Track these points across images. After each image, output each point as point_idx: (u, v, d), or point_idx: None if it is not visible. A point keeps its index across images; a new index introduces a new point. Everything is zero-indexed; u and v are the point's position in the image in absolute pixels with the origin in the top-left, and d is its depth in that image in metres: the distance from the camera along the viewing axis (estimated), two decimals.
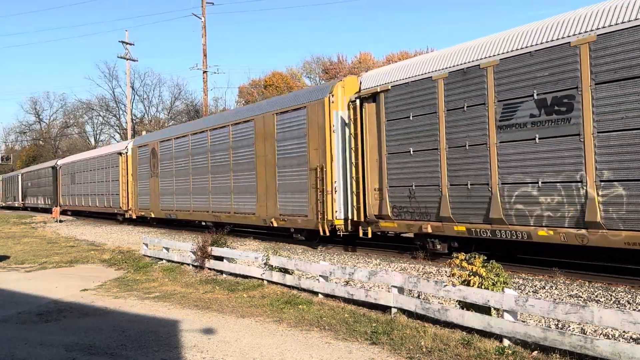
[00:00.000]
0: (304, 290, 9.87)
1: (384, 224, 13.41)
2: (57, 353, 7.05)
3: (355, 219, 14.23)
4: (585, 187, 9.34)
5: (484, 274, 7.04)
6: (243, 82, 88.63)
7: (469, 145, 11.21)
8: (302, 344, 7.06)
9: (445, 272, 10.43)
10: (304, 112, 15.82)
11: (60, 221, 34.68)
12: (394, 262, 12.78)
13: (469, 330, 6.81)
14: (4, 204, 67.89)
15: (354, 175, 14.17)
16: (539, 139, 9.96)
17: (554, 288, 9.20)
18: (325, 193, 14.86)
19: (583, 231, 9.39)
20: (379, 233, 14.45)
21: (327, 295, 9.35)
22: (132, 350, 7.02)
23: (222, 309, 9.20)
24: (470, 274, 7.15)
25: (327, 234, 15.00)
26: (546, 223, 9.94)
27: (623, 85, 8.85)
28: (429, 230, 12.12)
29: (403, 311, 7.87)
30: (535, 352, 6.00)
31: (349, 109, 14.52)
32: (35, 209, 51.02)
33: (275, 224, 17.13)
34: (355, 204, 14.13)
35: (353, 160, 14.20)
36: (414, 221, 12.54)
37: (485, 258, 7.35)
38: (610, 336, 6.45)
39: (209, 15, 55.73)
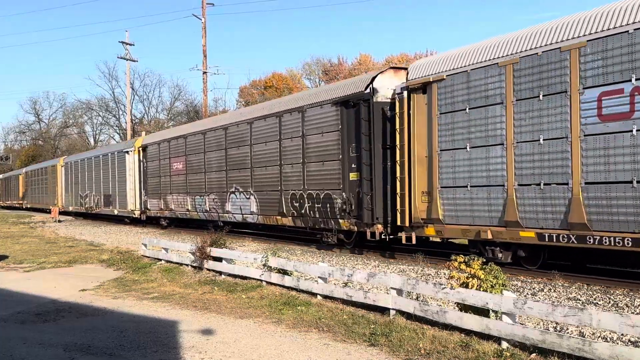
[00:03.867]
0: (303, 291, 9.87)
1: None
2: (56, 353, 7.05)
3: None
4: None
5: (482, 276, 7.05)
6: (243, 83, 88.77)
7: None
8: (301, 345, 7.07)
9: (444, 274, 10.43)
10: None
11: (59, 221, 34.66)
12: (392, 264, 12.78)
13: (468, 332, 6.81)
14: (72, 209, 37.92)
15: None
16: None
17: (552, 291, 9.21)
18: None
19: None
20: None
21: (325, 297, 9.35)
22: (130, 351, 7.02)
23: (221, 310, 9.20)
24: (469, 276, 7.16)
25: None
26: None
27: None
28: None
29: (402, 313, 7.87)
30: (534, 354, 6.01)
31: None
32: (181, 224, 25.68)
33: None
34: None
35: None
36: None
37: (484, 260, 7.36)
38: (609, 339, 6.45)
39: (209, 16, 55.74)
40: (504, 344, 6.32)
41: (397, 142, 12.85)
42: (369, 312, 8.31)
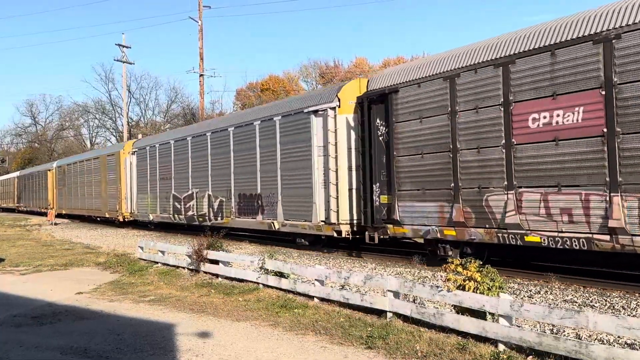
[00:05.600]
0: (300, 294, 9.86)
1: None
2: (52, 356, 7.03)
3: None
4: None
5: (479, 278, 7.05)
6: (240, 85, 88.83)
7: None
8: (298, 348, 7.06)
9: (441, 276, 10.44)
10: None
11: (55, 224, 34.57)
12: (389, 266, 12.79)
13: (464, 334, 6.82)
14: (155, 218, 25.19)
15: None
16: None
17: (549, 293, 9.23)
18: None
19: None
20: None
21: (322, 299, 9.34)
22: (127, 354, 7.01)
23: (218, 313, 9.19)
24: (466, 278, 7.17)
25: None
26: None
27: None
28: None
29: (398, 315, 7.87)
30: (530, 356, 6.02)
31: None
32: None
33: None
34: None
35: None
36: None
37: (481, 263, 7.37)
38: (605, 341, 6.47)
39: (205, 18, 55.81)
40: (501, 347, 6.33)
41: None
42: (365, 315, 8.31)
